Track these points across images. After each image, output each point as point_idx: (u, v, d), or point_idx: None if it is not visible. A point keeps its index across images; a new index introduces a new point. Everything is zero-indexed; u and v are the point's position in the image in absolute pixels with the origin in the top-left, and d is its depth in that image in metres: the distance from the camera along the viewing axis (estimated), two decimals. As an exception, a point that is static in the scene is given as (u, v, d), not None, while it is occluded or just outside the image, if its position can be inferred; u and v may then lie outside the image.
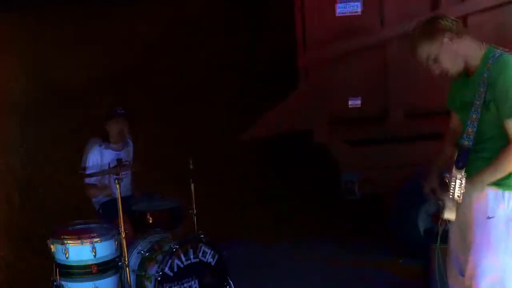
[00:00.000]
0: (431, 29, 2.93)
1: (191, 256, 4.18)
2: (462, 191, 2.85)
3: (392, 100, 5.38)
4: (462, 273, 3.07)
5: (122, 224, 4.12)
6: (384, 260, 5.44)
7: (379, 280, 5.04)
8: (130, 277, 4.17)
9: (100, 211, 4.96)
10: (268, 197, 6.96)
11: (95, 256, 4.08)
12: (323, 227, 6.46)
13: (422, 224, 5.26)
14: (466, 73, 2.97)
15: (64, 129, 7.10)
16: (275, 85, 6.25)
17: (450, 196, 2.87)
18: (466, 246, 3.00)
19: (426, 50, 2.93)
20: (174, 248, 4.09)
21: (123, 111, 4.99)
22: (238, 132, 5.51)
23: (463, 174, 2.85)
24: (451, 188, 2.87)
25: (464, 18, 5.08)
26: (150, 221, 4.55)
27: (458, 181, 2.86)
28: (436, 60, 2.93)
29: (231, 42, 7.45)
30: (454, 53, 2.90)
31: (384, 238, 5.70)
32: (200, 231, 4.45)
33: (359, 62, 5.32)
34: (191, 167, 4.66)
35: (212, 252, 4.29)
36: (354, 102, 5.37)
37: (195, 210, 4.66)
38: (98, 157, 4.87)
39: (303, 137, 5.55)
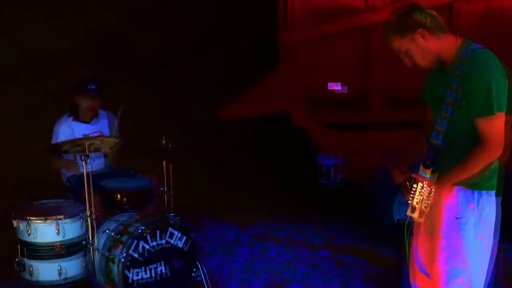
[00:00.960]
0: (403, 22, 2.77)
1: (159, 239, 4.02)
2: (422, 198, 2.74)
3: (373, 85, 5.23)
4: (424, 271, 2.97)
5: (88, 202, 3.95)
6: (358, 247, 5.35)
7: (352, 266, 4.94)
8: (95, 257, 4.02)
9: (67, 184, 4.77)
10: (245, 176, 6.82)
11: (59, 234, 3.93)
12: (299, 210, 6.35)
13: (397, 212, 5.15)
14: (441, 65, 2.81)
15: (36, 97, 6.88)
16: (260, 64, 6.05)
17: (411, 198, 2.77)
18: (433, 245, 2.88)
19: (397, 43, 2.79)
20: (140, 230, 3.92)
21: (94, 86, 4.72)
22: (218, 110, 5.33)
23: (427, 177, 2.75)
24: (413, 190, 2.76)
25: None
26: (119, 199, 4.38)
27: (420, 185, 2.75)
28: (406, 54, 2.80)
29: (216, 19, 7.24)
30: (425, 49, 2.76)
31: (359, 225, 5.61)
32: (170, 212, 4.29)
33: (341, 45, 5.16)
34: (165, 145, 4.48)
35: (181, 235, 4.12)
36: (334, 86, 5.21)
37: (166, 189, 4.48)
38: (69, 131, 4.67)
39: (283, 118, 5.38)
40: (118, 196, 4.38)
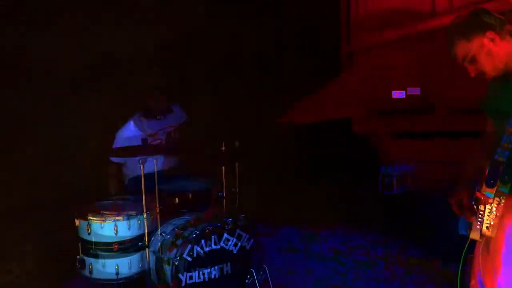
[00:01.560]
0: (470, 25, 2.58)
1: (213, 244, 4.02)
2: (491, 222, 2.55)
3: (438, 92, 5.02)
4: None
5: (145, 204, 4.01)
6: (419, 260, 5.14)
7: (410, 281, 4.76)
8: (150, 258, 4.06)
9: (128, 185, 4.90)
10: (305, 184, 6.73)
11: (117, 234, 4.00)
12: (359, 219, 6.18)
13: (463, 227, 4.91)
14: (506, 77, 2.61)
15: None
16: (321, 71, 5.97)
17: (479, 222, 2.59)
18: (493, 267, 2.70)
19: (463, 49, 2.59)
20: (194, 234, 3.94)
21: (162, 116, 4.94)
22: (278, 116, 5.30)
23: (495, 198, 2.54)
24: (480, 213, 2.58)
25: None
26: (176, 202, 4.42)
27: (488, 207, 2.56)
28: (472, 61, 2.60)
29: (278, 26, 7.20)
30: (494, 54, 2.55)
31: (421, 237, 5.40)
32: (229, 217, 4.28)
33: (405, 51, 4.99)
34: (225, 151, 4.49)
35: (236, 240, 4.11)
36: (398, 94, 5.05)
37: (224, 194, 4.49)
38: (139, 129, 4.80)
39: (344, 125, 5.28)
40: (176, 199, 4.43)
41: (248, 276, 4.20)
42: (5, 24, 6.50)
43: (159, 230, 4.18)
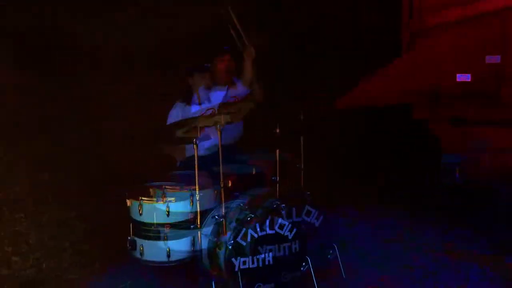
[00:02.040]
0: None
1: (268, 228, 3.85)
2: None
3: (507, 77, 4.69)
4: None
5: (198, 186, 3.87)
6: (483, 255, 4.85)
7: (475, 275, 4.48)
8: (202, 242, 3.93)
9: (180, 167, 4.75)
10: (361, 170, 6.49)
11: (169, 216, 3.88)
12: (418, 210, 5.90)
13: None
14: None
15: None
16: (381, 53, 5.67)
17: None
18: None
19: None
20: (249, 217, 3.77)
21: (228, 47, 4.74)
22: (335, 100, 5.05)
23: None
24: None
25: None
26: (230, 184, 4.27)
27: None
28: None
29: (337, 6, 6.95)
30: None
31: (484, 230, 5.11)
32: (284, 198, 4.10)
33: (471, 32, 4.65)
34: (280, 134, 4.30)
35: (291, 225, 3.93)
36: (463, 78, 4.74)
37: (278, 178, 4.30)
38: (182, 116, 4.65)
39: (403, 110, 5.01)
40: (229, 181, 4.28)
41: (304, 264, 4.02)
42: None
43: (212, 212, 4.04)
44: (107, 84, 6.68)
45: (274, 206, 3.93)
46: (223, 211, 3.95)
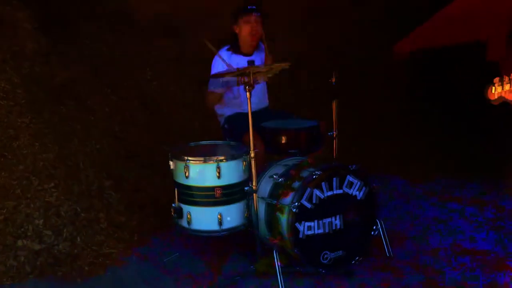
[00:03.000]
0: None
1: (335, 187, 3.25)
2: None
3: None
4: None
5: (252, 141, 3.27)
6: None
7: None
8: (259, 206, 3.35)
9: (226, 126, 4.14)
10: (417, 127, 5.83)
11: (219, 178, 3.30)
12: (477, 168, 5.25)
13: None
14: None
15: (192, 44, 6.38)
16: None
17: None
18: None
19: None
20: (315, 175, 3.17)
21: (255, 7, 4.03)
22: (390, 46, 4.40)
23: None
24: None
25: None
26: (284, 141, 3.67)
27: None
28: None
29: None
30: None
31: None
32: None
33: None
34: (334, 83, 3.69)
35: (361, 183, 3.33)
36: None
37: (335, 132, 3.71)
38: (224, 65, 4.02)
39: (474, 51, 4.32)
40: (283, 137, 3.68)
41: (374, 227, 3.43)
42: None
43: (268, 171, 3.46)
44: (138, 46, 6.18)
45: (339, 165, 3.34)
46: (282, 169, 3.37)
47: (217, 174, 3.28)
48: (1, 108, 4.68)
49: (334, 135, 3.71)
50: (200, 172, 3.32)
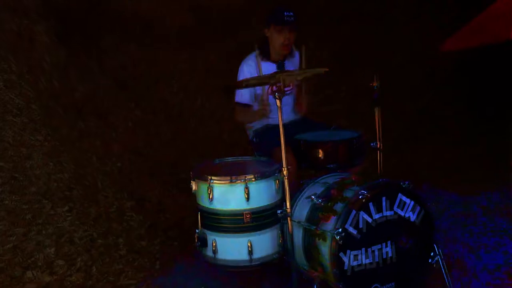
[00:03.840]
0: None
1: (384, 208, 2.68)
2: None
3: None
4: None
5: (284, 156, 2.73)
6: None
7: None
8: (295, 232, 2.79)
9: (254, 140, 3.61)
10: (463, 134, 5.19)
11: (248, 200, 2.76)
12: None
13: None
14: None
15: (218, 56, 5.92)
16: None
17: None
18: None
19: None
20: (361, 195, 2.61)
21: (292, 16, 3.46)
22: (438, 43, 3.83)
23: None
24: None
25: None
26: (320, 156, 3.12)
27: None
28: None
29: None
30: None
31: None
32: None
33: None
34: (376, 87, 3.13)
35: (414, 203, 2.75)
36: None
37: (380, 144, 3.14)
38: (253, 71, 3.50)
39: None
40: (320, 151, 3.12)
41: (431, 254, 2.84)
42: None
43: (304, 191, 2.91)
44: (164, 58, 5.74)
45: (389, 182, 2.77)
46: (321, 189, 2.81)
47: (246, 196, 2.75)
48: (14, 126, 4.28)
49: (378, 146, 3.14)
50: (226, 194, 2.79)
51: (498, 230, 3.73)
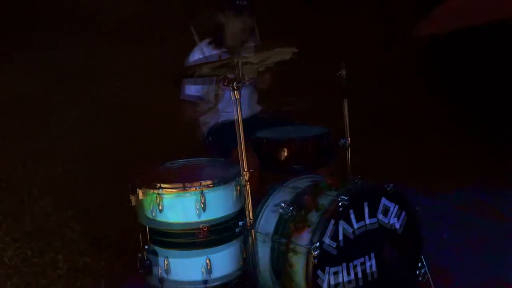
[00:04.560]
0: None
1: (367, 215, 2.24)
2: None
3: None
4: None
5: (244, 158, 2.24)
6: None
7: None
8: (260, 247, 2.31)
9: (210, 139, 3.11)
10: (440, 129, 4.82)
11: (204, 211, 2.26)
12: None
13: None
14: None
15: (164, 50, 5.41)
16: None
17: None
18: None
19: None
20: (341, 202, 2.15)
21: (245, 2, 3.03)
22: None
23: None
24: None
25: None
26: (286, 155, 2.64)
27: None
28: None
29: None
30: None
31: None
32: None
33: None
34: (344, 78, 2.70)
35: (398, 208, 2.32)
36: None
37: (348, 140, 2.70)
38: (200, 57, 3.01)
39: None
40: (285, 151, 2.65)
41: (419, 265, 2.41)
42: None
43: (271, 198, 2.43)
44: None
45: (371, 186, 2.33)
46: (290, 195, 2.34)
47: (202, 206, 2.25)
48: None
49: (348, 144, 2.71)
50: (177, 205, 2.29)
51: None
